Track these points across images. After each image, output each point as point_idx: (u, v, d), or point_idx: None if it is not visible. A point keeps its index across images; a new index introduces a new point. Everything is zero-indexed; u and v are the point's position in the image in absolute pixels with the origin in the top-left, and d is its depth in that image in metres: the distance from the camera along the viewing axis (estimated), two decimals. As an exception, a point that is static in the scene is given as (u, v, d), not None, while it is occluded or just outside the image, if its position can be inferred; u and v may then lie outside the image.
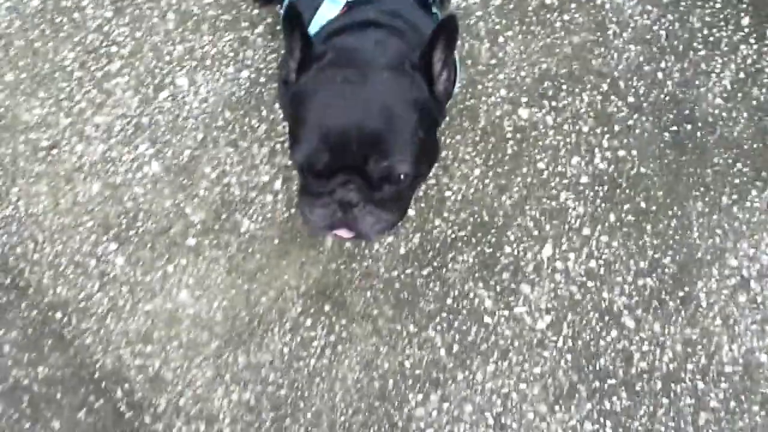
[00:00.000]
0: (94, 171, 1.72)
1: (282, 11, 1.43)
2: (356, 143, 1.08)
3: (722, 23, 1.72)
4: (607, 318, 1.63)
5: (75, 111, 1.74)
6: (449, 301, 1.65)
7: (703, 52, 1.71)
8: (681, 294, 1.63)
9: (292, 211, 1.69)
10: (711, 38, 1.72)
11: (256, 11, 1.76)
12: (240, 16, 1.77)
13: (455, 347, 1.63)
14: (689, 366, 1.58)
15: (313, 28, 1.30)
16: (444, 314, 1.64)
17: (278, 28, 1.76)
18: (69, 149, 1.73)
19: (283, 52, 1.47)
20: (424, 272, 1.66)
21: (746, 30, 1.72)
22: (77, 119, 1.74)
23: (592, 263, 1.64)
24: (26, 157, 1.73)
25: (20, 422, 1.61)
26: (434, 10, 1.35)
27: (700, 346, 1.59)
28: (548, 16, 1.75)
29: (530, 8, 1.75)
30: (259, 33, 1.76)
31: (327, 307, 1.66)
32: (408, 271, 1.66)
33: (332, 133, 1.08)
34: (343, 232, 1.22)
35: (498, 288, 1.65)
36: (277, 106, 1.72)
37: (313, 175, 1.14)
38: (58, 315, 1.67)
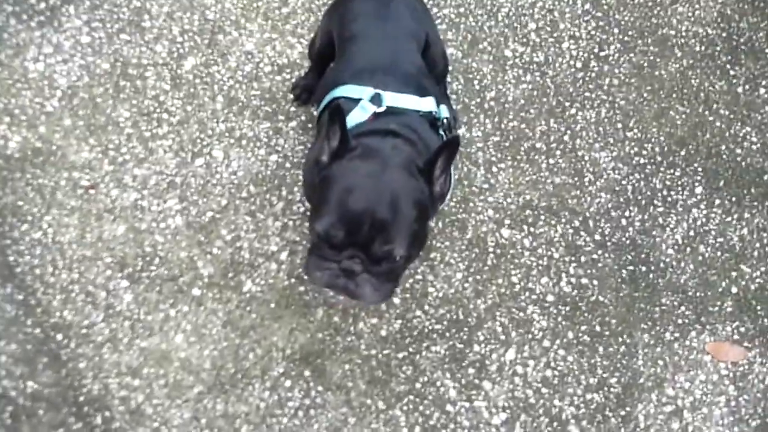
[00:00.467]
0: (123, 215, 1.92)
1: (317, 110, 1.72)
2: (368, 227, 1.32)
3: (679, 188, 2.05)
4: (555, 424, 1.80)
5: (118, 161, 1.97)
6: (418, 385, 1.82)
7: (661, 209, 2.02)
8: (623, 413, 1.82)
9: (292, 281, 1.88)
10: (669, 198, 2.03)
11: (293, 108, 2.06)
12: (279, 109, 2.06)
13: (417, 429, 1.78)
14: (623, 480, 1.75)
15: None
16: (411, 396, 1.81)
17: (309, 125, 2.04)
18: (105, 192, 1.94)
19: (313, 140, 1.73)
20: (400, 355, 1.84)
21: (698, 197, 2.05)
22: (119, 168, 1.96)
23: (548, 372, 1.84)
24: (65, 191, 1.93)
25: None
26: (441, 132, 1.65)
27: (634, 463, 1.77)
28: (536, 157, 2.06)
29: (522, 149, 2.07)
30: (293, 126, 2.04)
31: (307, 372, 1.81)
32: (385, 352, 1.84)
33: (350, 215, 1.33)
34: (341, 294, 1.44)
35: (463, 381, 1.83)
36: (296, 189, 1.96)
37: (328, 245, 1.37)
38: (59, 336, 1.80)
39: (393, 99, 1.51)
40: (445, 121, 1.55)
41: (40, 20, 2.11)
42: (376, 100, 1.52)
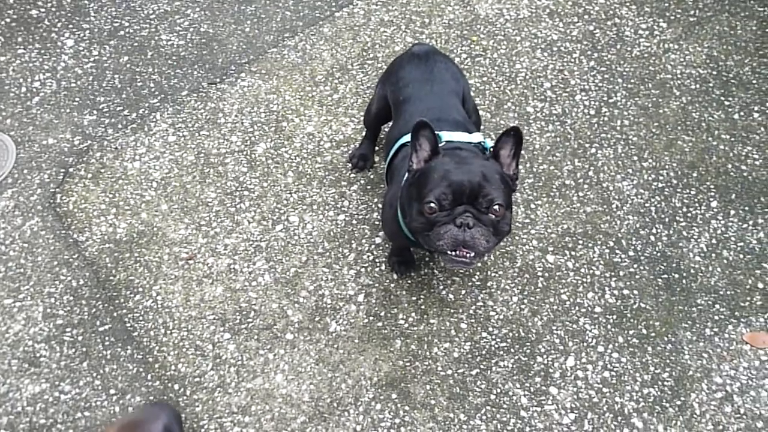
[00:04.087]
0: (219, 278, 2.23)
1: (386, 163, 2.06)
2: (468, 189, 1.65)
3: (696, 204, 2.33)
4: (620, 418, 2.01)
5: (210, 234, 2.30)
6: (493, 396, 2.05)
7: (683, 223, 2.30)
8: (678, 402, 2.03)
9: (371, 318, 2.16)
10: (689, 214, 2.31)
11: (353, 175, 2.40)
12: (341, 177, 2.40)
13: (496, 436, 2.01)
14: (688, 462, 1.94)
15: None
16: (488, 407, 2.04)
17: (368, 187, 2.38)
18: (202, 261, 2.26)
19: (384, 192, 2.05)
20: (473, 372, 2.08)
21: (714, 210, 2.33)
22: (211, 240, 2.29)
23: (606, 373, 2.07)
24: (168, 264, 2.25)
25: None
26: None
27: (696, 446, 1.96)
28: (567, 192, 2.37)
29: (554, 186, 2.38)
30: (354, 189, 2.38)
31: (394, 395, 2.05)
32: (460, 370, 2.08)
33: (454, 183, 1.66)
34: (461, 249, 1.71)
35: (532, 389, 2.06)
36: (364, 241, 2.27)
37: (440, 208, 1.67)
38: (176, 386, 2.07)
39: (449, 136, 1.85)
40: (491, 150, 1.89)
41: (133, 127, 2.51)
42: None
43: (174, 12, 2.83)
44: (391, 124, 2.12)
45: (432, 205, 1.67)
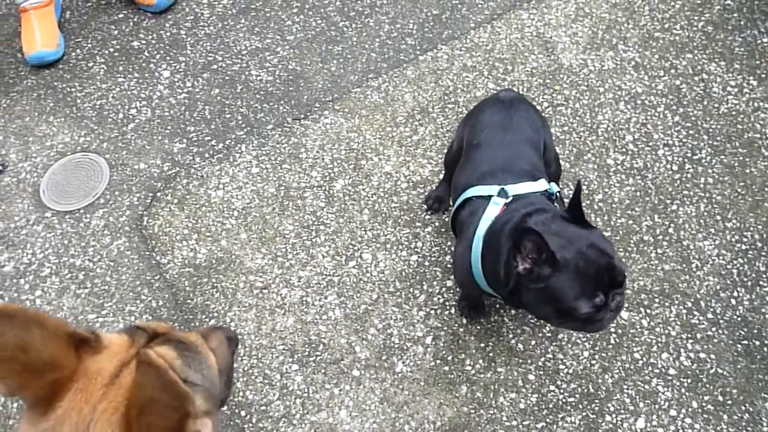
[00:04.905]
0: (291, 309, 2.28)
1: (451, 209, 2.07)
2: (608, 278, 1.64)
3: (782, 270, 2.26)
4: (690, 488, 1.94)
5: (286, 265, 2.36)
6: (557, 452, 2.02)
7: (767, 289, 2.22)
8: (754, 477, 1.94)
9: (438, 361, 2.16)
10: (773, 279, 2.24)
11: (428, 216, 2.42)
12: (416, 217, 2.43)
13: (559, 493, 1.96)
14: None
15: (482, 227, 1.89)
16: (552, 463, 2.00)
17: (442, 229, 2.39)
18: (276, 291, 2.31)
19: (455, 242, 2.06)
20: (539, 425, 2.05)
21: (801, 277, 2.24)
22: (286, 271, 2.35)
23: (678, 439, 2.00)
24: (243, 291, 2.32)
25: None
26: (555, 204, 1.96)
27: None
28: (645, 248, 2.32)
29: (632, 241, 2.34)
30: (428, 231, 2.40)
31: (456, 442, 2.04)
32: (525, 422, 2.05)
33: (600, 285, 1.64)
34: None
35: (598, 448, 2.01)
36: (435, 282, 2.28)
37: (597, 309, 1.66)
38: (243, 413, 2.12)
39: (514, 189, 1.85)
40: (558, 194, 1.88)
41: (219, 157, 2.62)
42: (502, 193, 1.87)
43: (265, 49, 2.95)
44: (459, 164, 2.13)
45: (589, 310, 1.66)
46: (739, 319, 2.18)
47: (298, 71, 2.87)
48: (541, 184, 1.91)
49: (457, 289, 2.28)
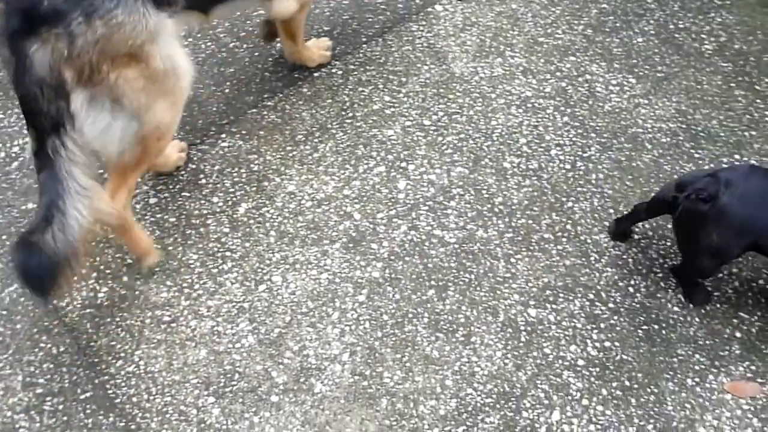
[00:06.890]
0: (203, 341, 2.22)
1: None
2: None
3: (672, 255, 2.38)
4: (607, 473, 2.02)
5: (193, 296, 2.30)
6: (480, 454, 2.05)
7: (660, 274, 2.34)
8: (664, 455, 2.04)
9: (356, 377, 2.15)
10: (665, 264, 2.36)
11: (334, 232, 2.42)
12: (323, 235, 2.42)
13: (485, 495, 1.99)
14: None
15: None
16: (476, 465, 2.03)
17: (350, 245, 2.40)
18: (185, 324, 2.25)
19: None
20: (459, 430, 2.07)
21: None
22: (194, 302, 2.29)
23: (592, 427, 2.08)
24: (150, 327, 2.24)
25: None
26: None
27: (684, 500, 1.97)
28: (546, 245, 2.41)
29: (533, 240, 2.42)
30: (337, 248, 2.40)
31: (380, 456, 2.04)
32: (446, 428, 2.07)
33: None
34: None
35: (518, 445, 2.06)
36: (347, 299, 2.28)
37: None
38: (160, 454, 2.04)
39: None
40: None
41: (114, 190, 2.52)
42: None
43: (154, 75, 2.87)
44: None
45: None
46: (638, 305, 2.29)
47: (191, 96, 2.81)
48: None
49: (371, 304, 2.28)
